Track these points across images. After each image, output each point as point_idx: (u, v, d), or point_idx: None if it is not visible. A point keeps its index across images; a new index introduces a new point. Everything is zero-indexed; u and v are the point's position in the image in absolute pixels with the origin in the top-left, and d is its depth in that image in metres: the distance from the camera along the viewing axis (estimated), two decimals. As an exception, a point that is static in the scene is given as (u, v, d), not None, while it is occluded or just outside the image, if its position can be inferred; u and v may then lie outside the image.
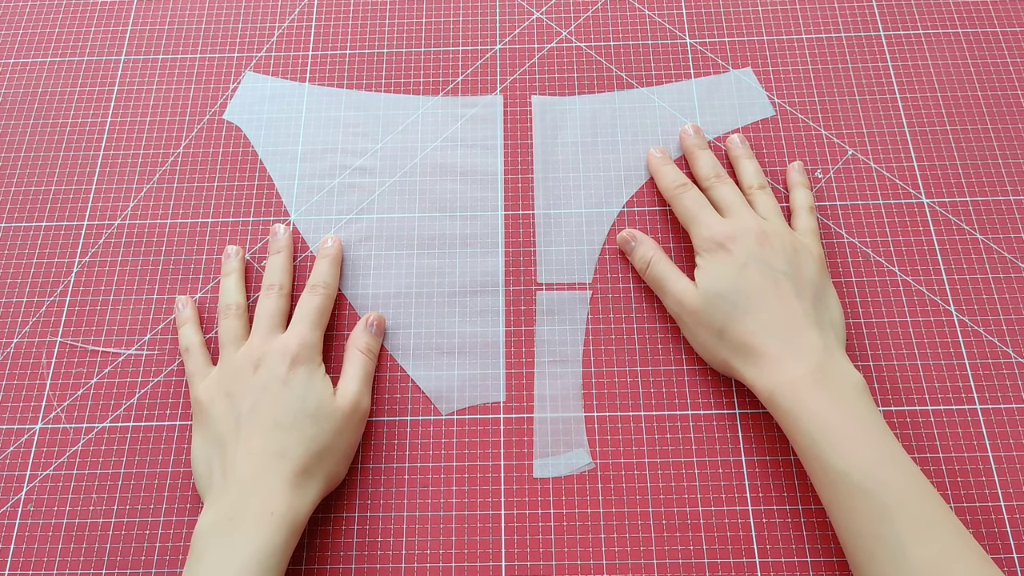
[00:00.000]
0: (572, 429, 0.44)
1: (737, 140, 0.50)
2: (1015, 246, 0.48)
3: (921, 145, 0.51)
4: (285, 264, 0.47)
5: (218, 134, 0.53)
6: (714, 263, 0.43)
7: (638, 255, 0.46)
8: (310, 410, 0.40)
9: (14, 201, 0.51)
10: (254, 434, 0.39)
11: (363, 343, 0.45)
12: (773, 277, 0.41)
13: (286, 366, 0.41)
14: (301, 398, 0.40)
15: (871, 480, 0.35)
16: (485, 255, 0.48)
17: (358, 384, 0.43)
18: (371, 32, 0.56)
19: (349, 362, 0.44)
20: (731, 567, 0.40)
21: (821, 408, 0.37)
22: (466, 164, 0.51)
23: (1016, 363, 0.45)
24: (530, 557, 0.41)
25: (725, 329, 0.41)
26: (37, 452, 0.44)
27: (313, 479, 0.39)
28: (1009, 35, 0.54)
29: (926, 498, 0.36)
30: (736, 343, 0.41)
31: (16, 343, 0.47)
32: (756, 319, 0.41)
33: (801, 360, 0.39)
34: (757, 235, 0.43)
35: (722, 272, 0.42)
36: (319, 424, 0.40)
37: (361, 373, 0.43)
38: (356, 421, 0.42)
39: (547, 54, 0.55)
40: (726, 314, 0.41)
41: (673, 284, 0.44)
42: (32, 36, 0.57)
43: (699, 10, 0.56)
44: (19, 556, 0.42)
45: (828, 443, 0.37)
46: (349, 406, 0.42)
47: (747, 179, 0.48)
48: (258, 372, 0.41)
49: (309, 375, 0.41)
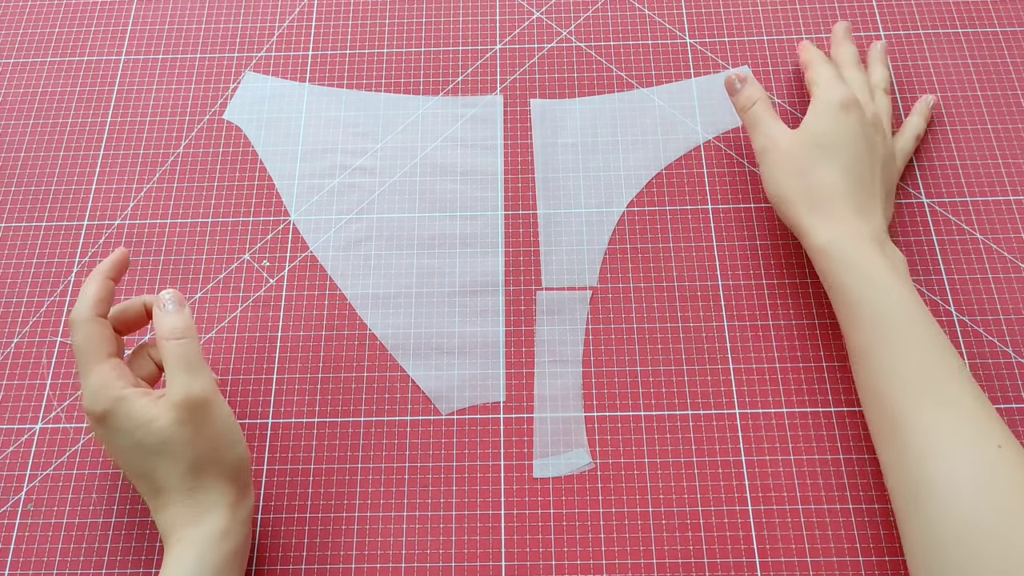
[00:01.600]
0: (572, 429, 0.44)
1: (878, 47, 0.52)
2: (1015, 246, 0.48)
3: (921, 145, 0.51)
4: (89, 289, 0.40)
5: (218, 134, 0.53)
6: (828, 115, 0.45)
7: (744, 94, 0.47)
8: (149, 446, 0.37)
9: (14, 201, 0.51)
10: (137, 486, 0.39)
11: (167, 328, 0.39)
12: (871, 146, 0.45)
13: (99, 425, 0.38)
14: (133, 443, 0.37)
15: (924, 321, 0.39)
16: (485, 255, 0.48)
17: (179, 378, 0.38)
18: (371, 32, 0.56)
19: (163, 355, 0.39)
20: (731, 567, 0.40)
21: (876, 261, 0.40)
22: (466, 164, 0.51)
23: (1016, 363, 0.45)
24: (530, 557, 0.41)
25: (808, 171, 0.43)
26: (37, 452, 0.44)
27: (206, 490, 0.38)
28: (1009, 35, 0.54)
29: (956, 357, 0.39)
30: (812, 187, 0.43)
31: (16, 343, 0.47)
32: (841, 172, 0.43)
33: (864, 223, 0.42)
34: (871, 116, 0.46)
35: (832, 125, 0.44)
36: (167, 451, 0.37)
37: (177, 362, 0.38)
38: (198, 415, 0.37)
39: (547, 54, 0.55)
40: (817, 157, 0.43)
41: (772, 123, 0.46)
42: (32, 36, 0.57)
43: (699, 10, 0.56)
44: (19, 556, 0.42)
45: (883, 286, 0.40)
46: (178, 411, 0.37)
47: (875, 78, 0.51)
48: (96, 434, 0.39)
49: (122, 418, 0.37)
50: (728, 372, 0.45)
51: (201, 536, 0.37)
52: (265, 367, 0.46)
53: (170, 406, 0.37)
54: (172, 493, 0.37)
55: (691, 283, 0.47)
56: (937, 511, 0.34)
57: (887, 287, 0.40)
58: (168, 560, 0.37)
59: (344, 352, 0.46)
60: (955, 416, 0.36)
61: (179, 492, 0.37)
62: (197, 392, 0.38)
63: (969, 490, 0.34)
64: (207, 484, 0.38)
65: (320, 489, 0.43)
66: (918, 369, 0.38)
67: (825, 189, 0.43)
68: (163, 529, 0.38)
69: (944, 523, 0.34)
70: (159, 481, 0.38)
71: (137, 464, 0.38)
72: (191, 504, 0.37)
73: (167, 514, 0.37)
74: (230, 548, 0.37)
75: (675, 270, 0.48)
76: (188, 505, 0.37)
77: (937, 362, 0.38)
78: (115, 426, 0.38)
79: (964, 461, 0.35)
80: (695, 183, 0.50)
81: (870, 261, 0.40)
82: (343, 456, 0.44)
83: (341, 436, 0.44)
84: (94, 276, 0.41)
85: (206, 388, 0.38)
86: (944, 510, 0.34)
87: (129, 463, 0.38)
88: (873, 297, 0.40)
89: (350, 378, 0.45)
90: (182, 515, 0.37)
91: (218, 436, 0.38)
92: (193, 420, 0.37)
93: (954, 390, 0.37)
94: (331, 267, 0.48)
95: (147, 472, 0.38)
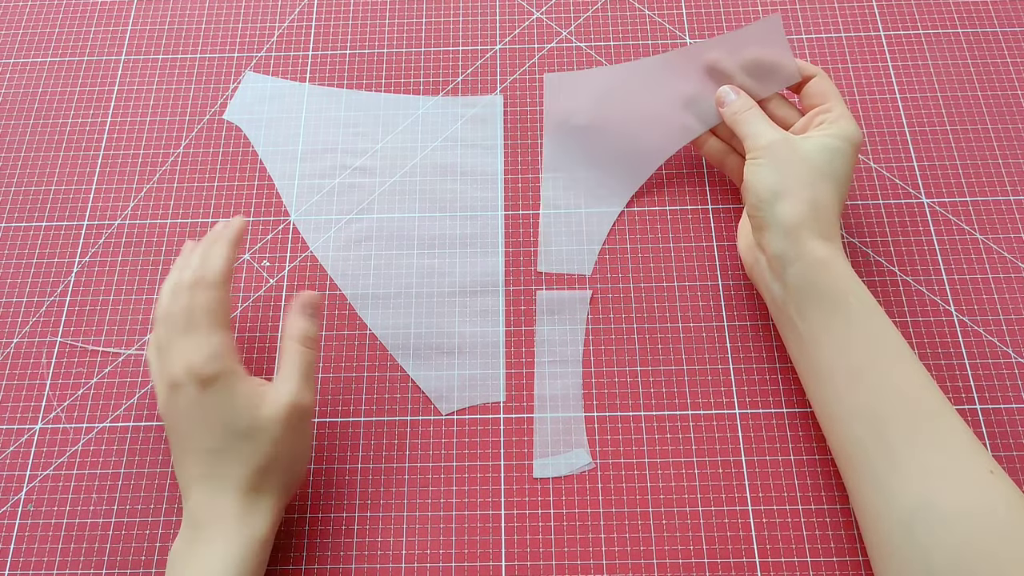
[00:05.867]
0: (572, 429, 0.44)
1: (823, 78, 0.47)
2: (1015, 246, 0.48)
3: (921, 145, 0.51)
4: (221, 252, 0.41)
5: (218, 134, 0.53)
6: (826, 135, 0.42)
7: (740, 102, 0.45)
8: (240, 429, 0.37)
9: (14, 201, 0.51)
10: (193, 461, 0.38)
11: (299, 331, 0.40)
12: (848, 179, 0.42)
13: (198, 388, 0.37)
14: (225, 420, 0.37)
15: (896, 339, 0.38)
16: (485, 255, 0.48)
17: (296, 382, 0.39)
18: (371, 32, 0.56)
19: (286, 355, 0.40)
20: (731, 567, 0.40)
21: (862, 284, 0.39)
22: (466, 164, 0.51)
23: (1016, 363, 0.45)
24: (530, 557, 0.41)
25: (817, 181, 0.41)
26: (37, 452, 0.44)
27: (265, 493, 0.38)
28: (1009, 35, 0.54)
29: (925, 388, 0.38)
30: (817, 197, 0.40)
31: (16, 343, 0.47)
32: (820, 190, 0.40)
33: (828, 245, 0.40)
34: (858, 144, 0.43)
35: (829, 144, 0.42)
36: (254, 440, 0.37)
37: (300, 367, 0.39)
38: (296, 423, 0.38)
39: (547, 54, 0.55)
40: (825, 175, 0.41)
41: (770, 123, 0.44)
42: (32, 36, 0.57)
43: (699, 10, 0.56)
44: (19, 556, 0.42)
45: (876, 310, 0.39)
46: (284, 410, 0.38)
47: None
48: (175, 395, 0.38)
49: (227, 391, 0.37)
50: (728, 372, 0.45)
51: (248, 539, 0.37)
52: (265, 367, 0.46)
53: (279, 402, 0.38)
54: (228, 484, 0.37)
55: (691, 283, 0.47)
56: (935, 535, 0.33)
57: (877, 309, 0.39)
58: (208, 550, 0.36)
59: (344, 352, 0.46)
60: (950, 438, 0.36)
61: (238, 486, 0.37)
62: (307, 402, 0.39)
63: (967, 514, 0.33)
64: (267, 489, 0.38)
65: (320, 489, 0.43)
66: (918, 389, 0.37)
67: (824, 204, 0.41)
68: (198, 513, 0.37)
69: (942, 548, 0.33)
70: (223, 467, 0.37)
71: (209, 439, 0.37)
72: (246, 503, 0.37)
73: (214, 502, 0.37)
74: (264, 559, 0.38)
75: (675, 270, 0.48)
76: (243, 503, 0.37)
77: (929, 385, 0.37)
78: (215, 395, 0.37)
79: (962, 484, 0.34)
80: (695, 183, 0.50)
81: (859, 283, 0.39)
82: (343, 456, 0.44)
83: (341, 436, 0.44)
84: (225, 241, 0.41)
85: (312, 402, 0.40)
86: (943, 534, 0.33)
87: (201, 436, 0.37)
88: (870, 318, 0.39)
89: (350, 378, 0.45)
90: (231, 509, 0.37)
91: (299, 449, 0.39)
92: (291, 425, 0.38)
93: (947, 411, 0.36)
94: (331, 267, 0.48)
95: (215, 452, 0.37)
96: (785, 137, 0.42)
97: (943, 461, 0.35)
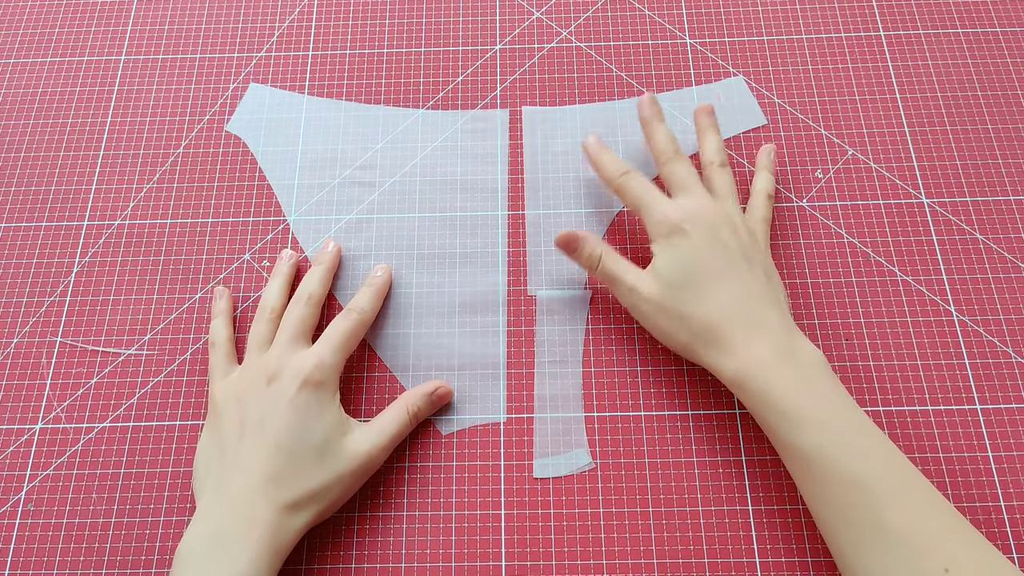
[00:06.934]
0: (572, 429, 0.44)
1: (704, 112, 0.48)
2: (1015, 246, 0.48)
3: (921, 145, 0.51)
4: (323, 276, 0.46)
5: (218, 134, 0.53)
6: (670, 248, 0.41)
7: (586, 253, 0.44)
8: (315, 442, 0.39)
9: (14, 201, 0.51)
10: (255, 450, 0.38)
11: (415, 405, 0.43)
12: (729, 258, 0.41)
13: (296, 385, 0.40)
14: (307, 426, 0.39)
15: (844, 452, 0.36)
16: (486, 264, 0.48)
17: (384, 439, 0.41)
18: (371, 32, 0.56)
19: (390, 414, 0.42)
20: (731, 567, 0.40)
21: (789, 386, 0.37)
22: (467, 176, 0.51)
23: (1016, 363, 0.45)
24: (530, 557, 0.41)
25: (686, 314, 0.40)
26: (37, 452, 0.44)
27: (303, 511, 0.38)
28: (1009, 35, 0.54)
29: (900, 467, 0.36)
30: (698, 327, 0.40)
31: (16, 343, 0.47)
32: (717, 301, 0.40)
33: (765, 341, 0.39)
34: (711, 215, 0.42)
35: (679, 256, 0.41)
36: (322, 461, 0.39)
37: (395, 432, 0.41)
38: (362, 473, 0.40)
39: (547, 54, 0.55)
40: (686, 299, 0.40)
41: (628, 275, 0.42)
42: (32, 36, 0.57)
43: (699, 10, 0.56)
44: (19, 556, 0.42)
45: (798, 420, 0.37)
46: (361, 456, 0.40)
47: (708, 154, 0.46)
48: (270, 386, 0.40)
49: (319, 401, 0.40)
50: (728, 372, 0.45)
51: (276, 550, 0.37)
52: (265, 367, 0.46)
53: (361, 444, 0.40)
54: (278, 494, 0.37)
55: (691, 283, 0.47)
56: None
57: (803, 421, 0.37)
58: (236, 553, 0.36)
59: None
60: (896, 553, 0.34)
61: (285, 499, 0.37)
62: (379, 462, 0.41)
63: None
64: (304, 512, 0.38)
65: (320, 489, 0.43)
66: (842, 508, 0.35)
67: (710, 324, 0.40)
68: (231, 508, 0.37)
69: None
70: (283, 478, 0.38)
71: (286, 438, 0.38)
72: (283, 517, 0.37)
73: (255, 504, 0.37)
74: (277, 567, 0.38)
75: (675, 270, 0.48)
76: (280, 516, 0.37)
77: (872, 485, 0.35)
78: (309, 401, 0.39)
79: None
80: (695, 183, 0.50)
81: (778, 396, 0.37)
82: (343, 456, 0.44)
83: (341, 436, 0.44)
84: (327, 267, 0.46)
85: (380, 464, 0.42)
86: None
87: (277, 431, 0.38)
88: (793, 433, 0.37)
89: (349, 378, 0.45)
90: (268, 517, 0.37)
91: (347, 492, 0.40)
92: (357, 470, 0.40)
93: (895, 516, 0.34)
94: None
95: (286, 452, 0.38)
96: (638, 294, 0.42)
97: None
